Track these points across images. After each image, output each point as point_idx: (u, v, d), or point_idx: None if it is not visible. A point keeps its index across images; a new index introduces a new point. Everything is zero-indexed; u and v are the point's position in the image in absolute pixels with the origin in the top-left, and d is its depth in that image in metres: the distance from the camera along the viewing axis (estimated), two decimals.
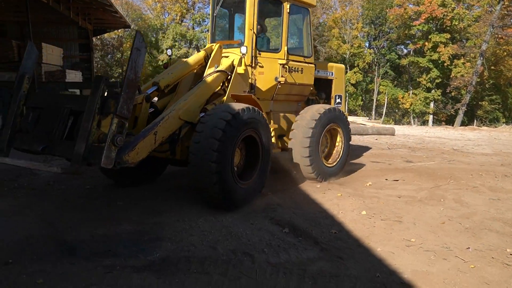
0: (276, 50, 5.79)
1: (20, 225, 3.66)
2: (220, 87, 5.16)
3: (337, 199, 4.97)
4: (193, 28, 44.78)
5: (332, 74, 7.01)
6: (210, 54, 5.40)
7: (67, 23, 17.30)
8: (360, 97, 39.60)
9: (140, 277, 2.79)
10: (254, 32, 5.37)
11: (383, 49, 38.90)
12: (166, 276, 2.82)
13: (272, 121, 5.86)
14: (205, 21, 44.81)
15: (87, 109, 3.18)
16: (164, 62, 39.49)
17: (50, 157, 5.05)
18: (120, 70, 43.15)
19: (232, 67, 5.19)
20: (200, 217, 4.04)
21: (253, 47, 5.38)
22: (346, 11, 39.53)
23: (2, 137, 3.61)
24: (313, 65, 6.31)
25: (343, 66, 7.67)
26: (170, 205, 4.43)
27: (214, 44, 5.58)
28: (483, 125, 30.06)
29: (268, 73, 5.61)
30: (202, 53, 5.54)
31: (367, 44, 41.00)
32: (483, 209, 4.66)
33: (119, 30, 33.31)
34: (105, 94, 3.28)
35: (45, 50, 15.07)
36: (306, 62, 6.17)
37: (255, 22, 5.42)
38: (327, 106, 6.04)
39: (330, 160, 6.27)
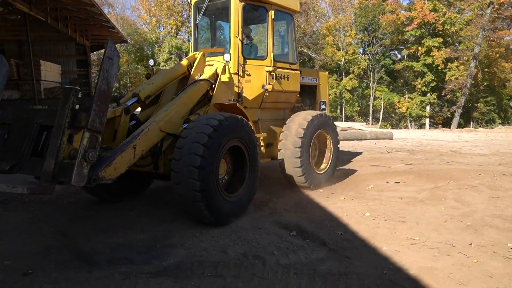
0: (262, 57, 5.73)
1: (36, 237, 3.76)
2: (204, 96, 4.96)
3: (340, 202, 5.09)
4: (189, 41, 45.16)
5: (316, 81, 7.03)
6: (193, 63, 5.26)
7: (65, 40, 17.55)
8: (357, 103, 39.90)
9: (157, 281, 2.90)
10: (239, 39, 5.31)
11: (377, 55, 39.33)
12: (182, 280, 2.92)
13: (260, 130, 5.79)
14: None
15: (56, 123, 2.90)
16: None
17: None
18: (117, 84, 43.39)
19: (216, 75, 5.05)
20: (209, 224, 4.14)
21: (239, 55, 5.33)
22: (339, 18, 40.08)
23: None
24: (299, 72, 6.30)
25: (326, 72, 7.75)
26: (179, 213, 4.53)
27: (197, 52, 5.44)
28: (480, 126, 30.37)
29: (255, 81, 5.55)
30: (184, 62, 5.39)
31: (361, 51, 41.44)
32: (483, 207, 4.79)
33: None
34: (76, 107, 2.98)
35: (44, 67, 15.25)
36: (292, 69, 6.15)
37: (240, 29, 5.39)
38: (313, 113, 6.00)
39: (321, 166, 6.24)
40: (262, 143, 5.60)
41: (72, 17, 14.92)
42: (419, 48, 33.98)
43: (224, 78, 4.97)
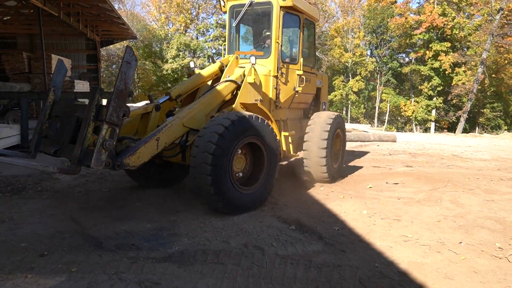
0: (294, 61, 6.18)
1: (50, 222, 4.00)
2: (231, 95, 5.36)
3: (339, 200, 5.28)
4: (197, 38, 45.44)
5: (321, 83, 7.37)
6: (226, 65, 5.64)
7: (76, 34, 17.87)
8: (363, 105, 39.93)
9: (162, 266, 3.12)
10: (280, 43, 5.67)
11: (385, 58, 39.31)
12: (186, 266, 3.14)
13: (288, 129, 6.17)
14: (209, 31, 45.50)
15: (84, 116, 3.53)
16: (167, 71, 40.03)
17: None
18: None
19: (242, 76, 5.35)
20: (213, 215, 4.36)
21: (279, 59, 5.69)
22: (348, 20, 40.13)
23: (31, 142, 4.14)
24: (316, 75, 6.77)
25: (327, 75, 8.25)
26: (184, 205, 4.75)
27: (231, 55, 5.86)
28: (485, 132, 30.30)
29: (289, 83, 5.98)
30: (217, 64, 5.77)
31: (369, 53, 41.46)
32: (477, 209, 4.96)
33: (125, 41, 33.98)
34: (100, 103, 3.57)
35: (55, 61, 15.57)
36: (312, 73, 6.62)
37: (281, 35, 5.73)
38: (332, 113, 6.47)
39: (336, 161, 6.68)
40: (290, 141, 6.03)
41: (83, 13, 15.22)
42: (427, 52, 33.95)
43: (250, 79, 5.26)
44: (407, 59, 39.73)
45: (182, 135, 4.63)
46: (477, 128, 33.97)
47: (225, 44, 6.41)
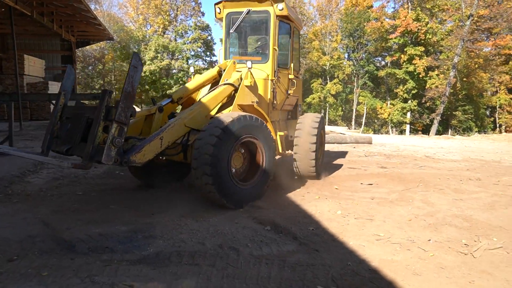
0: (286, 66, 6.68)
1: (21, 226, 3.91)
2: (229, 97, 5.67)
3: (315, 201, 5.36)
4: (176, 40, 45.13)
5: None
6: (224, 70, 5.95)
7: (50, 35, 17.46)
8: (340, 108, 40.55)
9: (136, 268, 3.10)
10: (276, 50, 6.13)
11: (362, 61, 40.06)
12: (160, 268, 3.13)
13: (281, 129, 6.65)
14: (188, 33, 45.25)
15: (95, 116, 3.83)
16: (146, 73, 39.54)
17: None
18: (102, 82, 43.02)
19: (240, 80, 5.66)
20: (188, 217, 4.36)
21: (276, 64, 6.18)
22: (326, 24, 40.72)
23: (43, 142, 4.49)
24: (300, 79, 7.30)
25: (301, 79, 8.60)
26: (160, 207, 4.73)
27: (229, 60, 6.24)
28: (457, 134, 31.29)
29: (282, 86, 6.52)
30: (215, 69, 6.11)
31: (346, 56, 42.15)
32: (446, 208, 5.14)
33: (101, 42, 33.39)
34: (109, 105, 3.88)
35: (27, 62, 15.19)
36: (297, 77, 7.11)
37: (277, 41, 6.18)
38: (318, 115, 6.89)
39: (319, 158, 7.13)
40: (283, 140, 6.30)
41: (58, 13, 14.89)
42: (402, 56, 34.81)
43: (247, 82, 5.62)
44: (383, 63, 40.63)
45: (184, 134, 4.90)
46: (449, 130, 35.04)
47: (220, 50, 6.72)
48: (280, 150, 6.09)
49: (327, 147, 12.30)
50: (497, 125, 35.23)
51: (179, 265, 3.21)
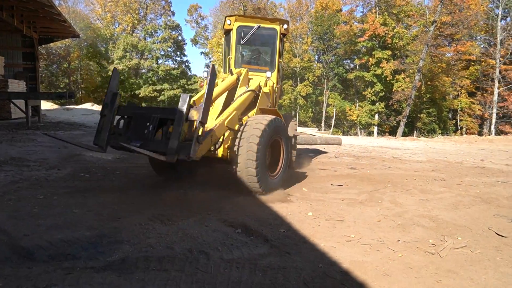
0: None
1: None
2: (251, 102, 6.44)
3: (286, 203, 5.34)
4: (145, 39, 44.27)
5: None
6: (240, 77, 6.67)
7: (10, 30, 16.61)
8: (310, 109, 41.09)
9: (101, 276, 2.95)
10: (281, 61, 7.04)
11: (331, 63, 40.76)
12: (126, 275, 3.00)
13: None
14: (158, 32, 44.49)
15: (177, 117, 4.41)
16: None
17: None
18: (67, 80, 41.56)
19: (259, 87, 6.64)
20: (157, 221, 4.22)
21: (280, 73, 7.25)
22: (297, 26, 41.13)
23: (101, 139, 4.84)
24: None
25: None
26: (127, 211, 4.55)
27: (243, 69, 6.87)
28: (422, 136, 32.39)
29: (276, 93, 7.46)
30: (235, 77, 6.68)
31: (316, 58, 42.76)
32: (413, 208, 5.25)
33: (67, 40, 32.24)
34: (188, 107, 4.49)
35: None
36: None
37: (281, 54, 7.15)
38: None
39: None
40: None
41: (19, 7, 14.20)
42: (370, 59, 35.70)
43: (266, 89, 6.71)
44: (352, 65, 41.50)
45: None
46: (415, 132, 36.24)
47: (229, 58, 7.35)
48: None
49: (298, 148, 12.37)
50: (459, 127, 36.78)
51: (146, 271, 3.09)
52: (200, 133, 4.48)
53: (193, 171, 6.82)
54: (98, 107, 27.00)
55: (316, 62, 41.69)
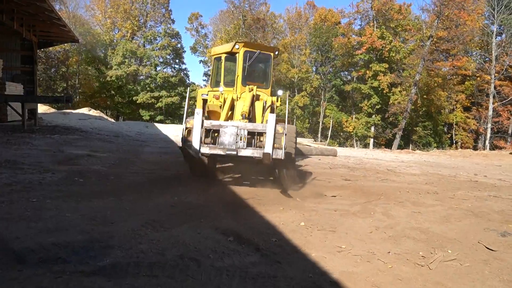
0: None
1: None
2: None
3: (279, 212, 5.36)
4: (144, 46, 44.46)
5: None
6: (254, 93, 8.16)
7: (10, 33, 16.64)
8: (307, 120, 41.22)
9: (90, 280, 2.95)
10: (273, 80, 8.80)
11: (329, 75, 41.04)
12: (116, 279, 3.00)
13: None
14: (157, 40, 44.71)
15: (269, 130, 6.06)
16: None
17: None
18: (65, 85, 41.56)
19: (272, 102, 8.22)
20: (149, 227, 4.23)
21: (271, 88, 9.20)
22: (295, 37, 41.48)
23: (194, 147, 6.02)
24: None
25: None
26: (120, 216, 4.56)
27: (252, 86, 8.33)
28: (417, 149, 32.54)
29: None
30: (252, 93, 8.03)
31: (314, 70, 43.04)
32: (405, 220, 5.28)
33: (66, 44, 32.31)
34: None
35: None
36: None
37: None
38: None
39: None
40: None
41: (19, 11, 14.26)
42: (367, 71, 35.99)
43: (278, 103, 8.39)
44: (349, 77, 41.80)
45: None
46: (410, 145, 36.40)
47: (237, 76, 8.58)
48: None
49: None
50: (454, 141, 37.01)
51: (137, 276, 3.09)
52: (284, 141, 6.14)
53: (225, 173, 8.26)
54: (95, 112, 27.00)
55: (313, 73, 41.97)
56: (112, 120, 28.14)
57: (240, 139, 6.19)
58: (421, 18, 38.15)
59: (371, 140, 37.66)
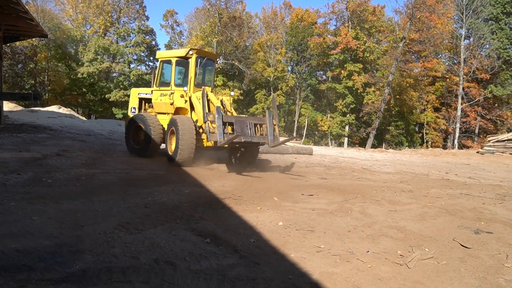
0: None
1: None
2: None
3: (256, 212, 5.28)
4: (117, 42, 43.42)
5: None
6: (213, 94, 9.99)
7: None
8: (283, 119, 41.39)
9: None
10: (215, 81, 11.64)
11: (305, 74, 41.33)
12: (87, 286, 2.83)
13: None
14: (130, 36, 43.77)
15: (269, 121, 8.66)
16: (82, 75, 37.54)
17: None
18: (33, 81, 40.05)
19: (222, 100, 9.90)
20: (122, 230, 4.05)
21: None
22: (271, 36, 41.53)
23: (215, 135, 8.18)
24: None
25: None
26: (92, 218, 4.36)
27: (207, 87, 9.63)
28: (390, 147, 33.26)
29: None
30: (212, 94, 9.91)
31: (289, 69, 43.25)
32: (382, 219, 5.31)
33: (34, 39, 31.11)
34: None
35: None
36: None
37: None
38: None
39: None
40: None
41: None
42: (342, 71, 36.47)
43: (230, 100, 10.29)
44: (324, 77, 42.25)
45: None
46: (383, 144, 37.18)
47: (190, 78, 9.78)
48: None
49: (269, 157, 12.38)
50: (425, 141, 38.06)
51: (109, 282, 2.93)
52: (277, 131, 8.80)
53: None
54: (65, 110, 26.10)
55: (289, 72, 42.18)
56: (84, 118, 27.30)
57: (249, 129, 8.49)
58: (394, 20, 39.08)
59: (346, 139, 38.23)
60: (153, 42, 45.05)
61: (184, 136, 8.57)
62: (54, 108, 25.67)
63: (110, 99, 40.22)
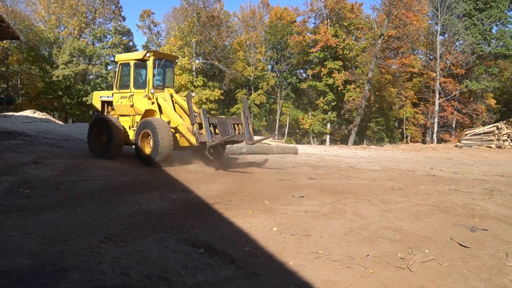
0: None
1: None
2: None
3: (249, 217, 5.10)
4: (93, 44, 42.40)
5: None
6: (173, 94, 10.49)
7: None
8: (264, 118, 41.30)
9: None
10: (174, 82, 11.96)
11: (285, 73, 41.33)
12: None
13: None
14: (107, 37, 42.83)
15: (245, 121, 9.72)
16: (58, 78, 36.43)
17: None
18: (5, 85, 38.67)
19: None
20: (109, 243, 3.80)
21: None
22: (251, 35, 41.34)
23: (204, 137, 8.93)
24: None
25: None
26: (75, 232, 4.08)
27: (170, 89, 10.46)
28: (371, 144, 33.63)
29: None
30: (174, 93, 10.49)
31: (270, 68, 43.18)
32: (377, 219, 5.21)
33: (4, 41, 29.97)
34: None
35: None
36: None
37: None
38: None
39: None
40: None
41: None
42: (322, 69, 36.64)
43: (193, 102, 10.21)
44: (304, 75, 42.37)
45: None
46: (365, 140, 37.58)
47: (148, 80, 10.05)
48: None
49: (255, 158, 12.20)
50: (404, 136, 38.67)
51: None
52: (251, 130, 9.70)
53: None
54: (40, 115, 25.23)
55: (269, 71, 42.09)
56: (60, 123, 26.45)
57: (230, 129, 9.36)
58: (372, 17, 39.50)
59: (328, 137, 38.43)
60: (131, 43, 44.22)
61: (164, 137, 8.86)
62: (28, 113, 24.77)
63: (87, 102, 39.21)
